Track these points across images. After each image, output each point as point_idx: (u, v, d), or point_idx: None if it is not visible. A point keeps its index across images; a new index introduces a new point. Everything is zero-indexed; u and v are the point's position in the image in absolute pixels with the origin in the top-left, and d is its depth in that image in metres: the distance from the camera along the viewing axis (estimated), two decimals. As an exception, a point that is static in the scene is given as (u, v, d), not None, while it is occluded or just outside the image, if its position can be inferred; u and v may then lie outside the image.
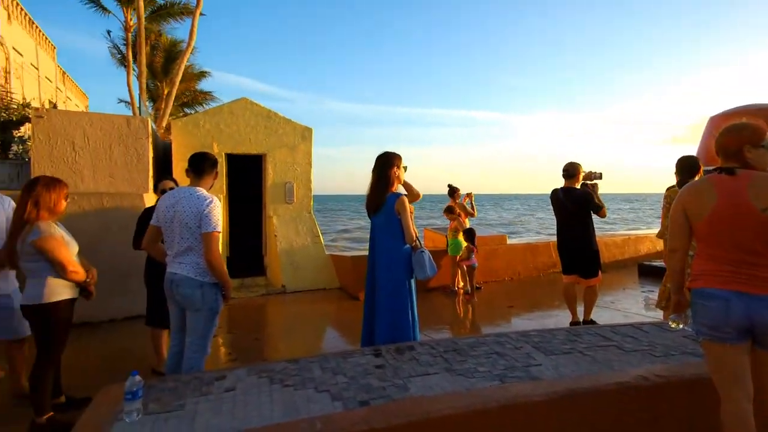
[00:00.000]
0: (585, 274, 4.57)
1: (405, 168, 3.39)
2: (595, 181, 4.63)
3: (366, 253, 6.56)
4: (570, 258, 4.67)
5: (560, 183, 4.74)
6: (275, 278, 7.17)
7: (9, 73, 8.58)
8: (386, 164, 3.28)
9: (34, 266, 2.71)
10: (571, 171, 4.60)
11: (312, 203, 7.79)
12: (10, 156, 5.90)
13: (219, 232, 2.71)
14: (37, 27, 11.94)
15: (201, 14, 13.07)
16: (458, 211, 6.69)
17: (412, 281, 3.31)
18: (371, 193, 3.36)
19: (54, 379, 2.86)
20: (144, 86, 12.01)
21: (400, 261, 3.20)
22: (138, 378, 1.99)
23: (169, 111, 13.36)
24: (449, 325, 5.27)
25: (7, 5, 9.95)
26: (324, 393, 2.20)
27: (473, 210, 7.06)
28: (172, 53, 17.58)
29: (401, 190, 3.42)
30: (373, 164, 3.39)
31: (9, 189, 5.24)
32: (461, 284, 6.84)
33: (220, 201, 2.82)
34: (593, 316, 4.77)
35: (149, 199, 5.73)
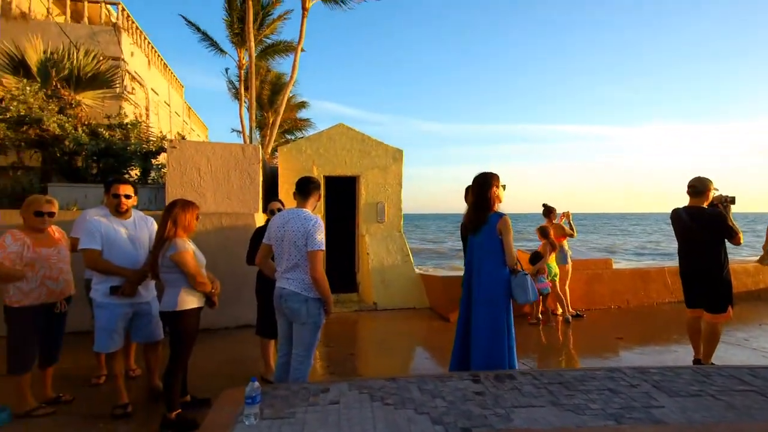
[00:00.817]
0: (711, 308, 3.95)
1: (503, 187, 3.33)
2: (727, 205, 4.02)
3: (457, 273, 6.42)
4: (694, 288, 4.06)
5: (676, 201, 4.24)
6: (367, 295, 7.37)
7: (148, 110, 10.15)
8: (485, 184, 3.25)
9: (171, 277, 3.11)
10: (699, 187, 3.97)
11: (402, 222, 7.93)
12: (149, 181, 6.91)
13: (323, 251, 2.90)
14: (169, 69, 13.97)
15: (302, 50, 14.26)
16: (552, 233, 6.31)
17: (510, 305, 3.20)
18: (470, 213, 3.34)
19: (182, 379, 3.22)
20: (254, 117, 13.33)
21: (500, 283, 3.12)
22: (257, 384, 2.17)
23: (273, 138, 14.64)
24: (547, 353, 4.95)
25: (148, 53, 11.80)
26: (424, 415, 2.20)
27: (572, 230, 6.63)
28: (277, 86, 19.35)
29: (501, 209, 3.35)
30: (471, 184, 3.37)
31: (148, 210, 6.12)
32: (559, 310, 6.41)
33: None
34: (716, 358, 4.07)
35: (259, 218, 6.29)
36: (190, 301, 3.11)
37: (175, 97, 14.24)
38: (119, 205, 3.35)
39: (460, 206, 3.79)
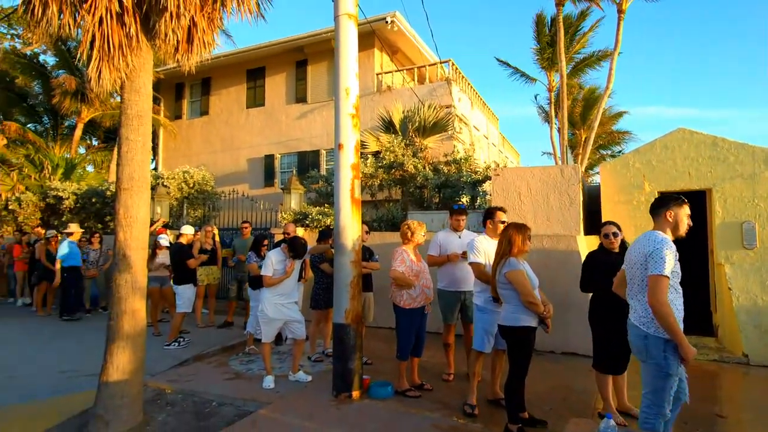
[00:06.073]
0: None
1: None
2: None
3: None
4: None
5: None
6: (731, 342, 5.70)
7: (473, 145, 11.55)
8: None
9: (507, 294, 3.34)
10: None
11: (789, 249, 5.78)
12: (477, 206, 7.78)
13: (666, 277, 2.46)
14: (487, 106, 15.50)
15: (618, 54, 12.94)
16: None
17: None
18: None
19: (520, 394, 3.36)
20: (565, 136, 13.01)
21: None
22: (612, 422, 2.01)
23: (587, 155, 13.80)
24: None
25: (470, 96, 13.48)
26: None
27: None
28: (589, 101, 18.26)
29: None
30: None
31: (477, 231, 6.87)
32: None
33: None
34: None
35: (581, 240, 5.99)
36: (525, 319, 3.25)
37: (492, 130, 15.64)
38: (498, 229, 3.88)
39: None
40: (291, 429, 3.43)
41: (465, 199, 8.03)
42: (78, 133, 15.07)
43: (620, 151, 20.98)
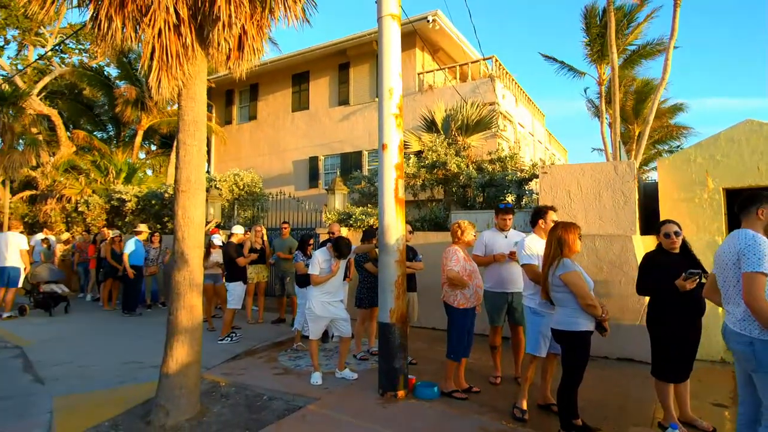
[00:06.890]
0: None
1: None
2: None
3: None
4: None
5: None
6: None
7: (518, 142, 11.26)
8: None
9: (561, 297, 3.22)
10: None
11: None
12: (523, 205, 7.57)
13: (764, 274, 2.28)
14: (532, 102, 15.05)
15: (675, 47, 12.15)
16: None
17: None
18: None
19: (574, 401, 3.23)
20: (617, 131, 12.38)
21: None
22: None
23: (641, 151, 13.05)
24: None
25: (515, 93, 13.14)
26: None
27: None
28: (643, 94, 17.30)
29: None
30: None
31: (524, 231, 6.68)
32: None
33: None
34: None
35: (637, 241, 5.69)
36: (581, 323, 3.12)
37: (538, 127, 15.19)
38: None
39: None
40: (339, 425, 3.48)
41: (510, 198, 7.83)
42: (138, 139, 16.09)
43: (678, 146, 19.70)
